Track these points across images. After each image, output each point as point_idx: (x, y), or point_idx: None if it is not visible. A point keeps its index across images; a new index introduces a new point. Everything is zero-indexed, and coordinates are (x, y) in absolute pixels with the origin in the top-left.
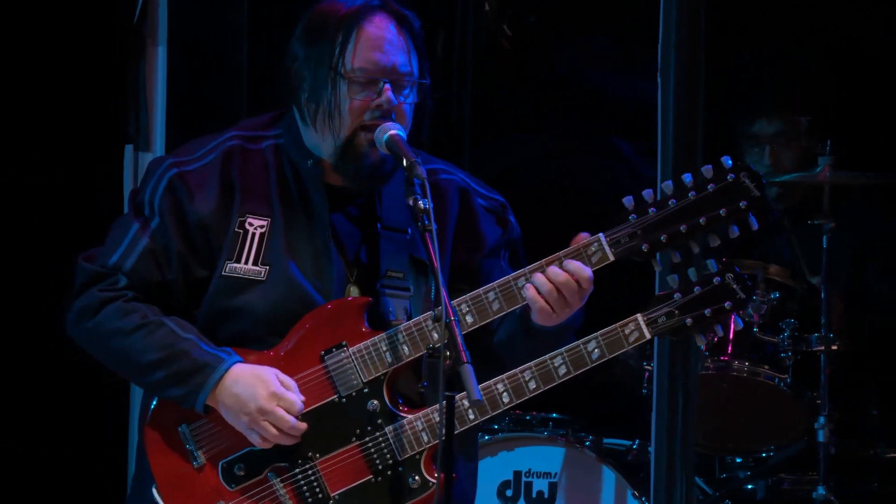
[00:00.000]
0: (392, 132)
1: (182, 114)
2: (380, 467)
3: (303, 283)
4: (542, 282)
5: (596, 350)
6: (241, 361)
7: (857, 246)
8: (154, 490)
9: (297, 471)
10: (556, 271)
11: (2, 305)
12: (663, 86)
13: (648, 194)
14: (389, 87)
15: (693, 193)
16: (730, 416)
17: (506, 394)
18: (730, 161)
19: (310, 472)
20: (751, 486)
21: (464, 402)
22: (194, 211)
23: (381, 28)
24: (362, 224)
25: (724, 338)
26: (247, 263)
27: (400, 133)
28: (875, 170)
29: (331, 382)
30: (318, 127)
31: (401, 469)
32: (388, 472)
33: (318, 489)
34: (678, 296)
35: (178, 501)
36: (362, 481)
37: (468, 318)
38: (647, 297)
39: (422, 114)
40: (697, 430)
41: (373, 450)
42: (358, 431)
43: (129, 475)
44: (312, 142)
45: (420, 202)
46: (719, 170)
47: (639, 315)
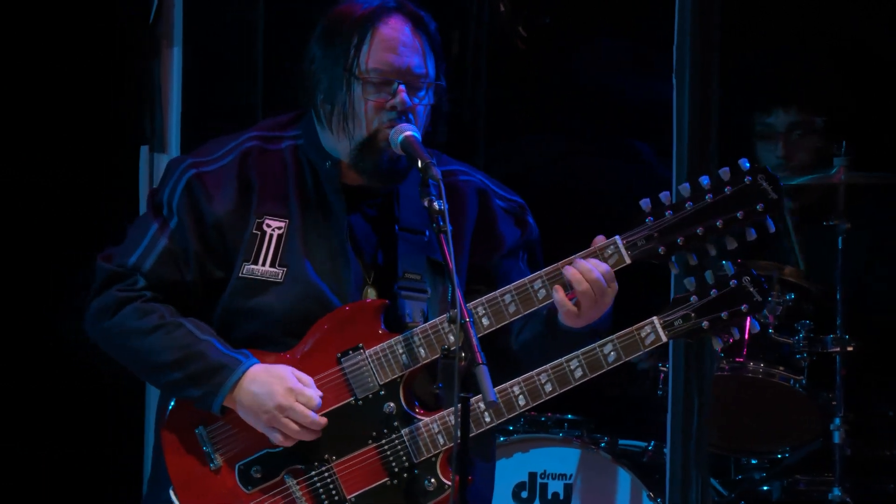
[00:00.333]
0: (407, 133)
1: (197, 115)
2: (396, 470)
3: (320, 285)
4: (577, 275)
5: (612, 353)
6: (258, 363)
7: (871, 247)
8: (171, 492)
9: (313, 473)
10: (582, 265)
11: (19, 306)
12: (678, 87)
13: (665, 197)
14: (404, 88)
15: (710, 196)
16: (745, 417)
17: (522, 396)
18: (747, 163)
19: (326, 474)
20: (766, 488)
21: (479, 405)
22: (212, 212)
23: (396, 30)
24: (380, 225)
25: (740, 339)
26: (264, 265)
27: (415, 134)
28: (890, 171)
29: (347, 384)
30: (333, 128)
31: (417, 471)
32: (404, 475)
33: (334, 491)
34: (694, 298)
35: (194, 503)
36: (378, 483)
37: (484, 321)
38: (663, 299)
39: (438, 115)
40: (713, 431)
41: (389, 452)
42: (374, 434)
43: (144, 477)
44: (329, 143)
45: (435, 203)
46: (736, 172)
47: (655, 318)
